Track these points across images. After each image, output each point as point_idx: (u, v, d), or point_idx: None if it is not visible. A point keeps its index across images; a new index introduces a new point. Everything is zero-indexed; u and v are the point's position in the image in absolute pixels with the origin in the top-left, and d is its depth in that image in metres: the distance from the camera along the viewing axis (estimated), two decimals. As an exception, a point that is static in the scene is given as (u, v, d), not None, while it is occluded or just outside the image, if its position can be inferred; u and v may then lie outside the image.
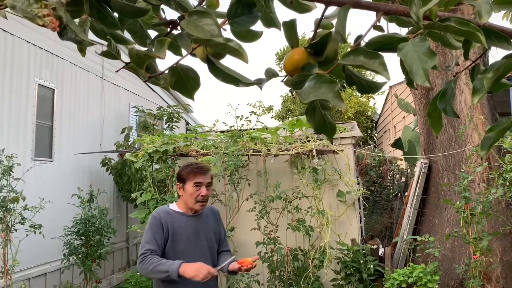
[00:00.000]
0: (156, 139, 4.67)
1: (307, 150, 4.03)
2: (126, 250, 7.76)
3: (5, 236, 4.04)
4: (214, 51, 1.06)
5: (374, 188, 7.45)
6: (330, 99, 0.92)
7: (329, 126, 1.14)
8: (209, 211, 2.59)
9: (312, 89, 0.97)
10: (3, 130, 5.06)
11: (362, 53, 0.98)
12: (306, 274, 3.85)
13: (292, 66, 1.15)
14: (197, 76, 1.12)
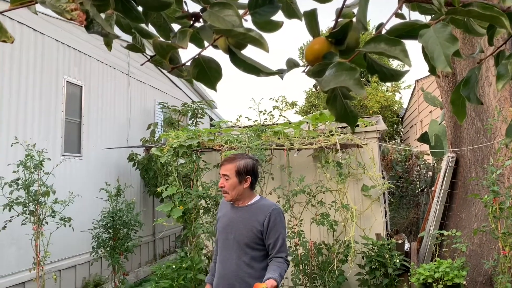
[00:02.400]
0: (181, 134, 4.74)
1: (330, 144, 4.01)
2: (153, 243, 7.91)
3: (37, 229, 4.18)
4: (235, 42, 1.08)
5: (400, 183, 7.34)
6: (350, 86, 0.92)
7: (350, 114, 1.14)
8: (264, 207, 2.55)
9: (333, 77, 0.97)
10: (34, 126, 5.23)
11: (383, 40, 0.98)
12: (331, 268, 3.84)
13: (313, 55, 1.15)
14: (219, 67, 1.14)
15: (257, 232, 2.48)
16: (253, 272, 2.49)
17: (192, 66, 1.13)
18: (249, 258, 2.49)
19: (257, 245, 2.49)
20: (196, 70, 1.13)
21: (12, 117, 4.91)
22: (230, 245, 2.53)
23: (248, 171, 2.55)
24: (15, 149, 4.62)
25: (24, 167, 4.11)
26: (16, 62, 5.01)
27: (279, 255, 2.44)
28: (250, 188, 2.57)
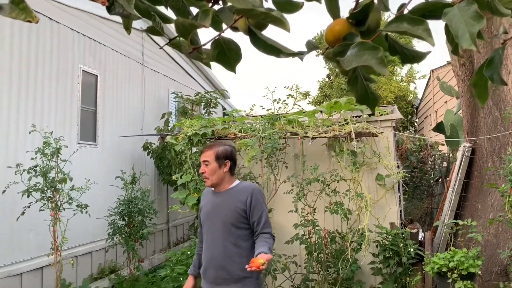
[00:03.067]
0: (195, 123, 4.76)
1: (345, 133, 4.00)
2: (167, 231, 8.00)
3: (55, 215, 4.26)
4: (255, 22, 1.08)
5: (414, 174, 7.29)
6: (373, 65, 0.92)
7: (371, 96, 1.13)
8: (245, 188, 2.68)
9: (355, 57, 0.96)
10: (51, 114, 5.30)
11: (406, 20, 0.97)
12: (344, 256, 3.85)
13: (333, 36, 1.14)
14: (238, 48, 1.14)
15: (241, 211, 2.60)
16: (241, 251, 2.59)
17: (212, 47, 1.13)
18: (235, 237, 2.61)
19: (242, 224, 2.61)
20: (216, 51, 1.14)
21: (29, 105, 4.98)
22: (216, 229, 2.66)
23: (227, 156, 2.71)
24: (33, 137, 4.69)
25: (42, 154, 4.17)
26: (33, 50, 5.06)
27: (265, 231, 2.58)
28: (230, 172, 2.72)
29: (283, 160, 4.26)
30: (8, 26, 4.72)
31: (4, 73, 4.64)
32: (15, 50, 4.81)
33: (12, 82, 4.75)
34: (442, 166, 7.93)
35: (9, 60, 4.72)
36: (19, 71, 4.85)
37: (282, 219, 4.48)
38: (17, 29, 4.84)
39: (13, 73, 4.77)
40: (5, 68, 4.66)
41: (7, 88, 4.68)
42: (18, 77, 4.84)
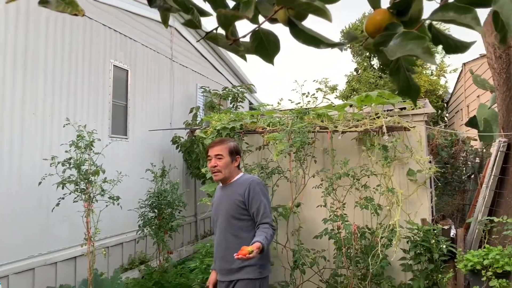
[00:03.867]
0: (223, 117, 4.78)
1: (376, 127, 3.94)
2: (195, 224, 8.10)
3: (88, 206, 4.36)
4: (295, 13, 1.07)
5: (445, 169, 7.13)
6: (419, 54, 0.89)
7: (413, 87, 1.11)
8: (244, 180, 2.75)
9: (399, 46, 0.94)
10: (83, 108, 5.43)
11: (452, 8, 0.94)
12: (374, 252, 3.80)
13: (374, 27, 1.12)
14: (277, 40, 1.13)
15: (239, 203, 2.68)
16: (242, 241, 2.66)
17: (251, 39, 1.13)
18: (236, 228, 2.71)
19: (242, 216, 2.70)
20: (255, 43, 1.13)
21: (63, 99, 5.11)
22: (220, 221, 2.78)
23: (238, 151, 2.85)
24: (67, 130, 4.82)
25: (75, 147, 4.28)
26: (67, 46, 5.19)
27: (264, 221, 2.64)
28: (238, 167, 2.83)
29: (311, 154, 4.24)
30: (43, 22, 4.85)
31: (39, 68, 4.78)
32: (50, 46, 4.94)
33: (47, 77, 4.88)
34: (474, 161, 7.72)
35: (44, 56, 4.86)
36: (54, 66, 4.98)
37: (310, 214, 4.46)
38: (51, 25, 4.97)
39: (48, 68, 4.90)
40: (40, 63, 4.80)
41: (42, 83, 4.82)
42: (53, 72, 4.97)
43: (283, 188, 4.44)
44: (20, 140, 4.51)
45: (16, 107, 4.48)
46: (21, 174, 4.51)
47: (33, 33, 4.70)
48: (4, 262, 4.18)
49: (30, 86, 4.65)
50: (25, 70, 4.60)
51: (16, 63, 4.49)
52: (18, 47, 4.52)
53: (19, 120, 4.51)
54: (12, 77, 4.44)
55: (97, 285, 4.62)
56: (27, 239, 4.54)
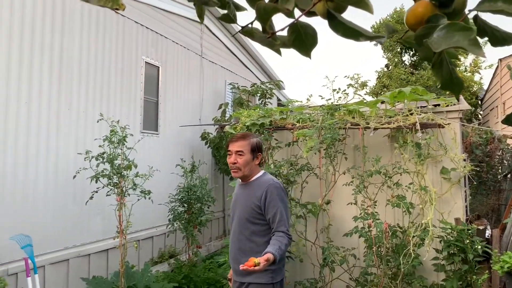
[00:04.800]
0: (252, 113, 4.78)
1: (409, 124, 3.85)
2: (222, 220, 8.16)
3: (120, 200, 4.46)
4: (335, 5, 1.05)
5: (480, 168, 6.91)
6: (466, 46, 0.86)
7: (456, 81, 1.08)
8: (263, 183, 2.63)
9: (443, 38, 0.91)
10: (116, 104, 5.54)
11: (501, -1, 0.91)
12: (406, 251, 3.73)
13: (415, 19, 1.09)
14: (315, 33, 1.12)
15: (255, 207, 2.58)
16: (255, 246, 2.59)
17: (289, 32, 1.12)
18: (250, 232, 2.61)
19: (257, 220, 2.59)
20: (293, 36, 1.12)
21: (97, 95, 5.23)
22: (235, 221, 2.70)
23: (260, 148, 2.70)
24: (100, 125, 4.94)
25: (109, 142, 4.37)
26: (100, 43, 5.31)
27: (279, 229, 2.52)
28: (259, 165, 2.71)
29: (342, 151, 4.19)
30: (78, 20, 4.97)
31: (74, 65, 4.91)
32: (84, 43, 5.06)
33: (81, 73, 5.01)
34: (511, 160, 7.46)
35: (79, 52, 4.98)
36: (87, 62, 5.11)
37: (340, 212, 4.42)
38: (86, 23, 5.09)
39: (82, 64, 5.03)
40: (75, 59, 4.92)
41: (77, 79, 4.94)
42: (87, 68, 5.09)
43: (313, 185, 4.41)
44: (55, 135, 4.65)
45: (52, 103, 4.61)
46: (57, 168, 4.65)
47: (68, 30, 4.82)
48: (41, 253, 4.33)
49: (66, 82, 4.79)
50: (61, 66, 4.73)
51: (52, 60, 4.62)
52: (55, 44, 4.65)
53: (55, 116, 4.65)
54: (49, 74, 4.58)
55: (128, 277, 4.71)
56: (62, 231, 4.68)
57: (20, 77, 4.24)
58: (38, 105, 4.45)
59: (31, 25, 4.38)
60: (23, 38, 4.27)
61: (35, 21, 4.42)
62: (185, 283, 5.31)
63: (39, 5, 4.46)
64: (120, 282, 4.50)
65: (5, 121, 4.09)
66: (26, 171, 4.30)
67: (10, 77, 4.14)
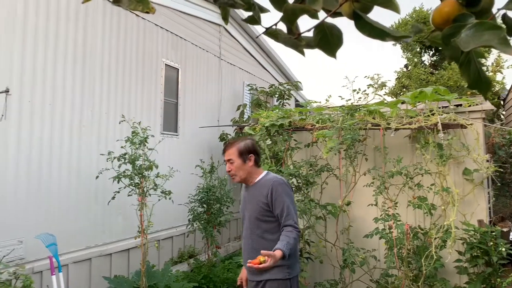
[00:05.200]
0: (271, 114, 4.79)
1: (431, 124, 3.81)
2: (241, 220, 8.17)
3: (142, 200, 4.52)
4: (361, 5, 1.06)
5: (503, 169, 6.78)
6: (495, 45, 0.86)
7: (484, 80, 1.07)
8: (267, 181, 2.69)
9: (472, 37, 0.91)
10: (137, 105, 5.62)
11: (532, -3, 0.90)
12: (428, 253, 3.69)
13: (442, 18, 1.09)
14: (341, 33, 1.12)
15: (263, 205, 2.63)
16: (267, 243, 2.62)
17: (315, 33, 1.13)
18: (262, 231, 2.67)
19: (267, 217, 2.65)
20: (319, 37, 1.13)
21: (118, 97, 5.32)
22: (246, 222, 2.76)
23: (249, 150, 2.73)
24: (121, 127, 5.02)
25: (130, 143, 4.44)
26: (122, 45, 5.39)
27: (287, 223, 2.57)
28: (256, 165, 2.74)
29: (362, 152, 4.16)
30: (100, 23, 5.06)
31: (96, 68, 5.00)
32: (106, 46, 5.15)
33: (103, 75, 5.10)
34: (536, 162, 7.29)
35: (101, 55, 5.07)
36: (109, 65, 5.19)
37: (360, 213, 4.40)
38: (108, 26, 5.18)
39: (104, 67, 5.12)
40: (97, 63, 5.01)
41: (99, 81, 5.03)
42: (108, 70, 5.18)
43: (332, 186, 4.40)
44: (78, 136, 4.74)
45: (75, 105, 4.71)
46: (79, 168, 4.74)
47: (90, 33, 4.92)
48: (64, 252, 4.41)
49: (88, 85, 4.88)
50: (84, 70, 4.82)
51: (75, 63, 4.71)
52: (78, 49, 4.74)
53: (78, 117, 4.74)
54: (72, 76, 4.67)
55: (149, 276, 4.77)
56: (84, 231, 4.77)
57: (44, 80, 4.34)
58: (62, 108, 4.54)
59: (55, 28, 4.47)
60: (47, 44, 4.37)
61: (59, 25, 4.52)
62: (205, 283, 5.35)
63: (62, 5, 4.56)
64: (141, 281, 4.56)
65: (30, 122, 4.19)
66: (50, 171, 4.39)
67: (35, 80, 4.24)
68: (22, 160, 4.12)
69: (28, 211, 4.13)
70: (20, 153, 4.11)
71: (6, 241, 3.93)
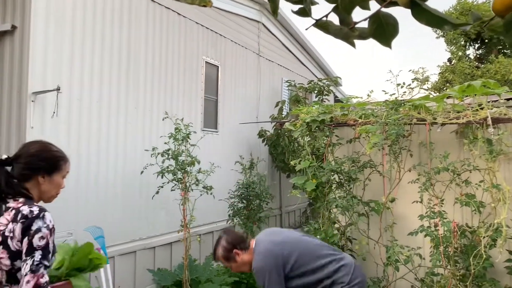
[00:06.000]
0: (312, 110, 4.76)
1: (480, 119, 3.67)
2: (279, 217, 8.20)
3: (184, 195, 4.61)
4: (419, -8, 1.04)
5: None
6: None
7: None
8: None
9: (543, 23, 0.87)
10: (179, 102, 5.73)
11: None
12: (476, 252, 3.56)
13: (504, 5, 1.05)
14: (396, 23, 1.10)
15: None
16: None
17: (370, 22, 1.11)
18: None
19: None
20: (374, 26, 1.12)
21: (161, 94, 5.44)
22: None
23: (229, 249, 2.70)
24: (164, 123, 5.13)
25: (173, 139, 4.54)
26: (164, 43, 5.51)
27: None
28: (245, 251, 2.72)
29: (407, 148, 4.07)
30: (143, 21, 5.19)
31: (140, 66, 5.13)
32: (149, 44, 5.27)
33: (147, 74, 5.23)
34: None
35: (144, 54, 5.20)
36: (152, 62, 5.32)
37: (404, 210, 4.30)
38: (151, 23, 5.30)
39: (148, 65, 5.24)
40: (141, 61, 5.14)
41: (143, 79, 5.16)
42: (152, 68, 5.31)
43: (375, 183, 4.33)
44: (124, 133, 4.89)
45: (121, 102, 4.85)
46: (125, 163, 4.89)
47: (134, 31, 5.05)
48: (111, 244, 4.57)
49: (133, 83, 5.02)
50: (128, 68, 4.96)
51: (120, 62, 4.86)
52: (123, 47, 4.89)
53: (124, 114, 4.89)
54: (117, 75, 4.82)
55: (191, 269, 4.87)
56: (129, 224, 4.91)
57: (91, 78, 4.50)
58: (108, 104, 4.70)
59: (101, 28, 4.62)
60: (94, 43, 4.53)
61: (104, 26, 4.67)
62: (245, 278, 5.39)
63: (107, 5, 4.71)
64: (184, 274, 4.65)
65: (79, 118, 4.36)
66: (98, 166, 4.54)
67: (83, 79, 4.40)
68: (72, 155, 4.25)
69: (77, 204, 4.30)
70: (70, 148, 4.28)
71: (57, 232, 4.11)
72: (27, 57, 3.91)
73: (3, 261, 1.62)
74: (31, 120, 3.91)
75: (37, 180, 1.78)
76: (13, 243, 1.62)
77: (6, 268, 1.63)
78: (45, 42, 4.02)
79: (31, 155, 1.78)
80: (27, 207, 1.67)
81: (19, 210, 1.66)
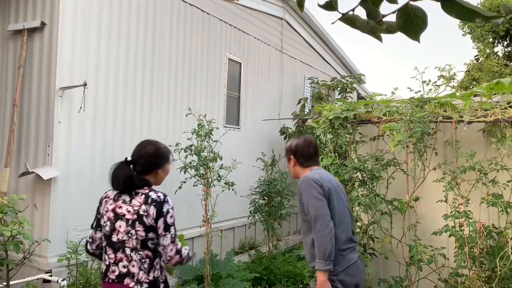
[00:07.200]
0: (335, 107, 4.73)
1: (508, 117, 3.57)
2: (301, 215, 8.16)
3: (206, 190, 4.65)
4: (450, -14, 1.02)
5: None
6: None
7: None
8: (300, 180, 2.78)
9: None
10: (202, 99, 5.78)
11: None
12: (503, 253, 3.48)
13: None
14: (425, 16, 1.09)
15: (300, 204, 2.65)
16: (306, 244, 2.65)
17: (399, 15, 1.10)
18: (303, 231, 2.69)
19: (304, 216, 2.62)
20: (402, 19, 1.10)
21: (185, 91, 5.50)
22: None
23: (289, 151, 2.80)
24: (187, 119, 5.18)
25: (196, 135, 4.57)
26: (188, 40, 5.56)
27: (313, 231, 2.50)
28: (299, 165, 2.76)
29: (432, 146, 4.00)
30: (168, 18, 5.24)
31: (164, 62, 5.19)
32: (173, 41, 5.33)
33: (170, 70, 5.28)
34: None
35: (168, 50, 5.25)
36: (176, 59, 5.37)
37: (428, 209, 4.23)
38: (175, 22, 5.35)
39: (172, 61, 5.30)
40: (165, 57, 5.20)
41: (167, 76, 5.22)
42: (175, 65, 5.36)
43: (399, 181, 4.27)
44: (148, 128, 4.96)
45: (145, 98, 4.92)
46: (148, 158, 4.94)
47: (159, 29, 5.11)
48: (134, 237, 4.64)
49: (157, 80, 5.08)
50: (153, 65, 5.03)
51: (145, 58, 4.92)
52: (147, 44, 4.95)
53: (148, 110, 4.95)
54: (142, 72, 4.89)
55: (213, 264, 4.91)
56: (153, 218, 4.97)
57: (117, 74, 4.57)
58: (133, 100, 4.77)
59: (127, 26, 4.69)
60: (119, 40, 4.60)
61: (130, 24, 4.73)
62: (265, 274, 5.41)
63: (133, 5, 4.77)
64: (206, 269, 4.70)
65: (105, 113, 4.44)
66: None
67: (109, 75, 4.48)
68: (96, 149, 4.39)
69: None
70: (95, 142, 4.37)
71: (83, 225, 4.20)
72: (55, 53, 4.00)
73: (139, 233, 2.13)
74: (59, 114, 4.01)
75: (157, 171, 2.31)
76: (148, 220, 2.13)
77: (141, 238, 2.14)
78: (73, 38, 4.11)
79: (150, 155, 2.30)
80: (153, 192, 2.19)
81: (148, 195, 2.17)
